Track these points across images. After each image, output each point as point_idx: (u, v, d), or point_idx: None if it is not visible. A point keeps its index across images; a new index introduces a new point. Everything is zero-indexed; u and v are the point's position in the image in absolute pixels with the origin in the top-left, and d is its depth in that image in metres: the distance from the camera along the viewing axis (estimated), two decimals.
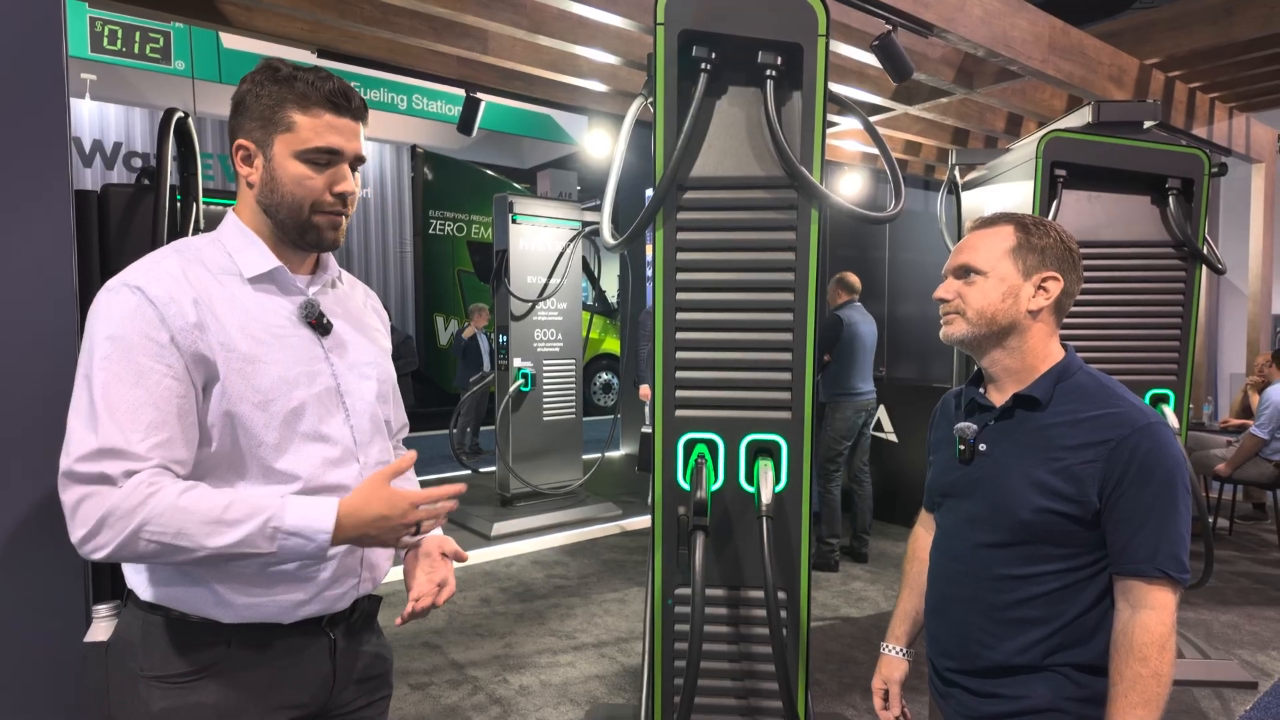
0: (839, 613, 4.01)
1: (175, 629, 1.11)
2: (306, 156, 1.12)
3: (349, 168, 1.16)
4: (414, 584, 1.24)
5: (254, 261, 1.15)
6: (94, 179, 8.53)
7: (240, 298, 1.13)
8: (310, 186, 1.13)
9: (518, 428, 5.56)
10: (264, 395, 1.10)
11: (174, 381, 1.04)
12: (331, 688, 1.22)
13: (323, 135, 1.12)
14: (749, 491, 2.03)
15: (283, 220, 1.15)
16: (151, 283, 1.06)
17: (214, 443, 1.09)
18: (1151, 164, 3.03)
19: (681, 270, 2.02)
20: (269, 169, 1.13)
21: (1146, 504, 1.16)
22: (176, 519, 0.99)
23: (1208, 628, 3.79)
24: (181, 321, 1.05)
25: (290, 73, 1.12)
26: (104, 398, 1.01)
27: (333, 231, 1.17)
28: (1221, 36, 4.41)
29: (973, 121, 5.63)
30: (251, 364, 1.09)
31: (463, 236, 11.34)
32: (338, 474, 1.17)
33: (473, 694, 3.08)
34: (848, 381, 4.58)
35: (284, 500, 1.04)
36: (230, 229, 1.18)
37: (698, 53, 1.91)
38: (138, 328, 1.03)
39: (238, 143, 1.14)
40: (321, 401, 1.16)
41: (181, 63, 7.97)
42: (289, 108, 1.11)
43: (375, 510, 1.07)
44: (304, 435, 1.13)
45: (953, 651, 1.33)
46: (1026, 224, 1.28)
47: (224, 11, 3.89)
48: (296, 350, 1.15)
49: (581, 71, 4.72)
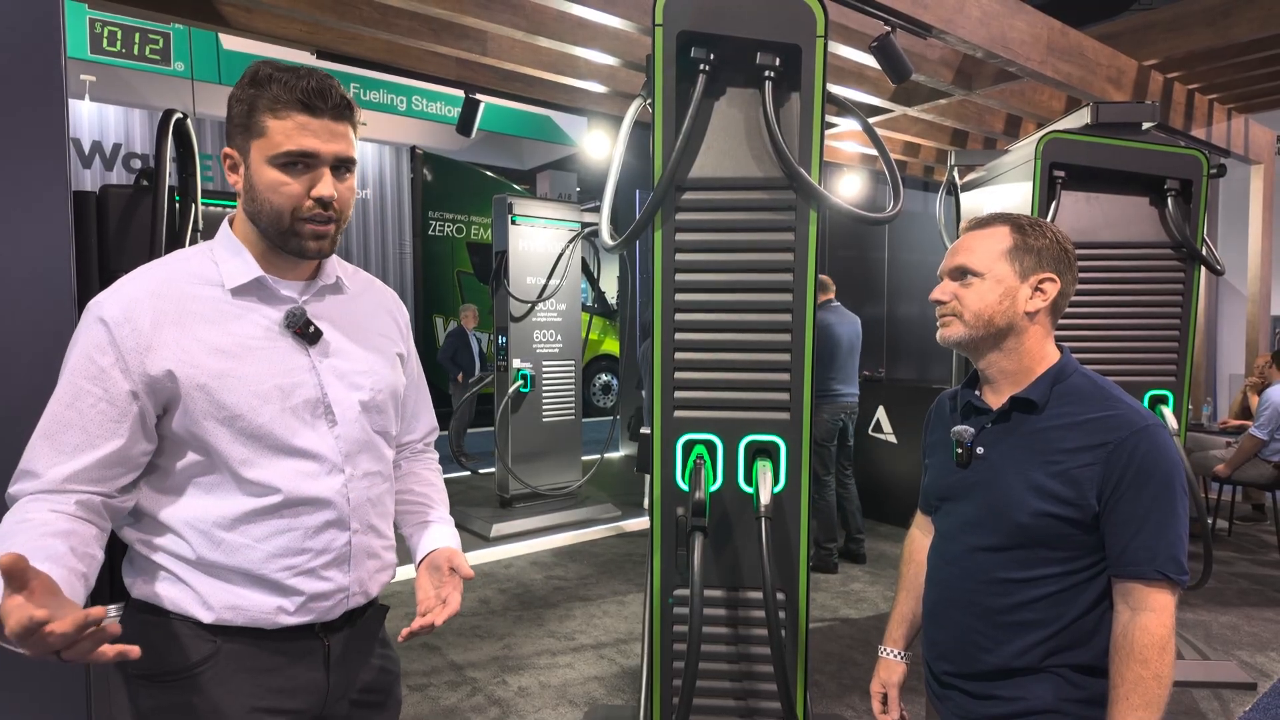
0: (838, 614, 4.00)
1: (164, 628, 1.11)
2: (279, 162, 1.07)
3: (331, 171, 1.10)
4: (420, 598, 1.21)
5: (236, 272, 1.13)
6: (93, 180, 8.52)
7: (220, 310, 1.11)
8: (287, 193, 1.08)
9: (517, 429, 5.56)
10: (229, 411, 1.07)
11: (108, 405, 1.04)
12: (326, 695, 1.19)
13: (293, 138, 1.06)
14: (748, 492, 2.03)
15: (265, 229, 1.12)
16: (110, 304, 1.06)
17: (185, 456, 1.09)
18: (1150, 165, 3.03)
19: (680, 271, 2.02)
20: (248, 177, 1.10)
21: (1145, 506, 1.16)
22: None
23: (1207, 629, 3.79)
24: (132, 342, 1.05)
25: (269, 74, 1.07)
26: (45, 418, 1.04)
27: (315, 241, 1.12)
28: (1219, 38, 4.41)
29: (971, 123, 5.63)
30: (219, 379, 1.07)
31: (462, 238, 11.34)
32: (316, 486, 1.13)
33: (471, 695, 3.08)
34: (825, 383, 4.58)
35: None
36: (221, 238, 1.17)
37: (696, 54, 1.91)
38: (84, 349, 1.05)
39: (225, 150, 1.12)
40: (298, 414, 1.12)
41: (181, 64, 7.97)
42: (261, 112, 1.06)
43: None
44: (274, 449, 1.10)
45: (950, 655, 1.33)
46: (1022, 225, 1.28)
47: (223, 13, 3.89)
48: (272, 363, 1.12)
49: (580, 73, 4.72)
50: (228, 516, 1.09)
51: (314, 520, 1.13)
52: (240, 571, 1.10)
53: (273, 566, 1.11)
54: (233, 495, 1.09)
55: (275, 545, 1.11)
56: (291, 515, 1.11)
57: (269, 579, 1.11)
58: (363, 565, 1.19)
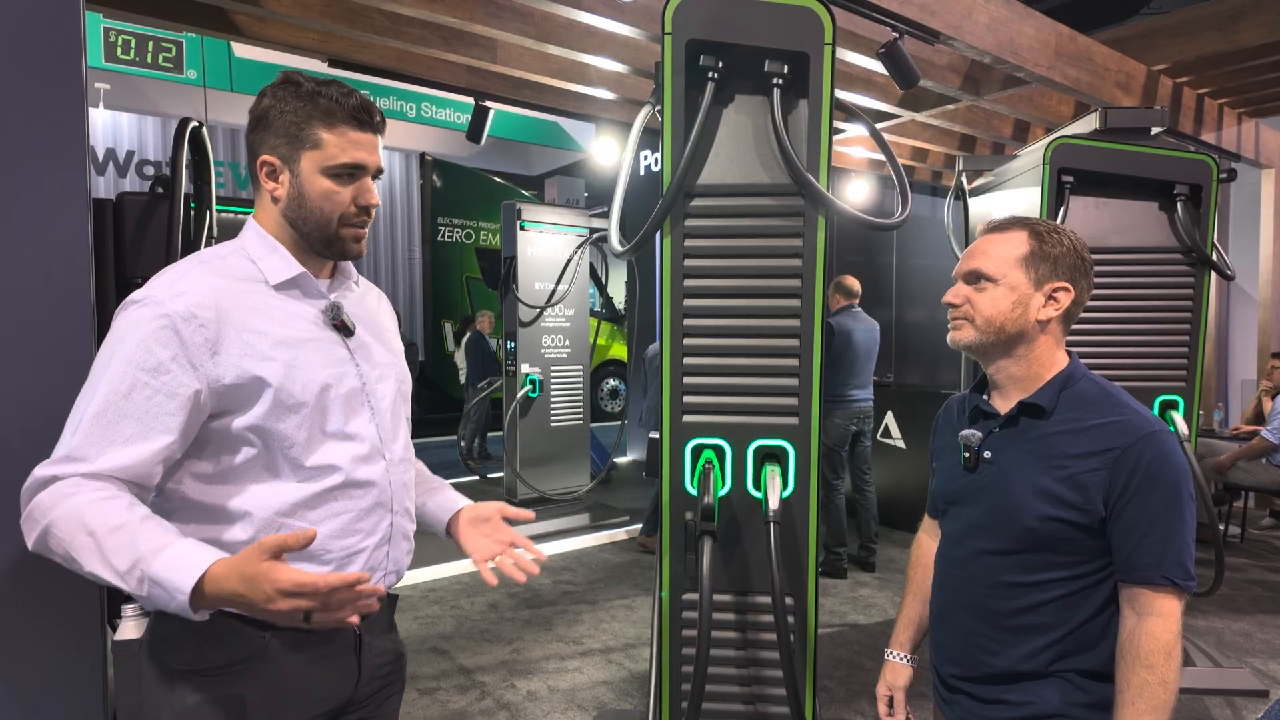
0: (847, 619, 4.00)
1: (212, 623, 1.11)
2: (333, 172, 1.15)
3: (371, 180, 1.20)
4: (474, 550, 1.28)
5: (278, 268, 1.18)
6: (107, 187, 8.62)
7: (268, 304, 1.16)
8: (338, 201, 1.17)
9: (525, 433, 5.57)
10: (296, 399, 1.12)
11: (165, 399, 1.05)
12: (356, 683, 1.24)
13: (348, 151, 1.15)
14: (756, 497, 2.04)
15: (309, 233, 1.19)
16: (171, 299, 1.07)
17: (240, 451, 1.11)
18: (1159, 170, 3.03)
19: (689, 277, 2.04)
20: (296, 185, 1.16)
21: (1152, 512, 1.16)
22: (71, 532, 0.98)
23: (1219, 636, 3.76)
24: (199, 338, 1.07)
25: (313, 88, 1.14)
26: (97, 405, 1.04)
27: (356, 244, 1.21)
28: (1228, 43, 4.40)
29: (980, 128, 5.63)
30: (286, 369, 1.12)
31: (471, 243, 11.39)
32: (367, 470, 1.20)
33: (480, 699, 3.09)
34: (839, 388, 4.57)
35: (165, 546, 0.97)
36: (252, 237, 1.21)
37: (705, 62, 1.93)
38: (143, 342, 1.05)
39: (263, 158, 1.17)
40: (348, 401, 1.19)
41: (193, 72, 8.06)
42: (315, 125, 1.14)
43: (231, 586, 0.94)
44: (331, 434, 1.16)
45: (957, 659, 1.33)
46: (1040, 231, 1.27)
47: (237, 22, 3.93)
48: (324, 352, 1.18)
49: (590, 80, 4.75)
50: (287, 502, 1.13)
51: (364, 502, 1.19)
52: (299, 556, 1.13)
53: (329, 547, 1.16)
54: (289, 483, 1.14)
55: (331, 527, 1.16)
56: (346, 498, 1.17)
57: (325, 560, 1.15)
58: (399, 546, 1.27)
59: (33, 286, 1.37)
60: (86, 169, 1.42)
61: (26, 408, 1.36)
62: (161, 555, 0.96)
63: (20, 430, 1.35)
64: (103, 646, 1.42)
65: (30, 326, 1.38)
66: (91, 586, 1.43)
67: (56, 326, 1.40)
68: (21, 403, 1.36)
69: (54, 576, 1.40)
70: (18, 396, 1.35)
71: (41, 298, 1.38)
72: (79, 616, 1.42)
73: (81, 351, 1.41)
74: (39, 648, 1.39)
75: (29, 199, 1.36)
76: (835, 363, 4.56)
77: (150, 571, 0.95)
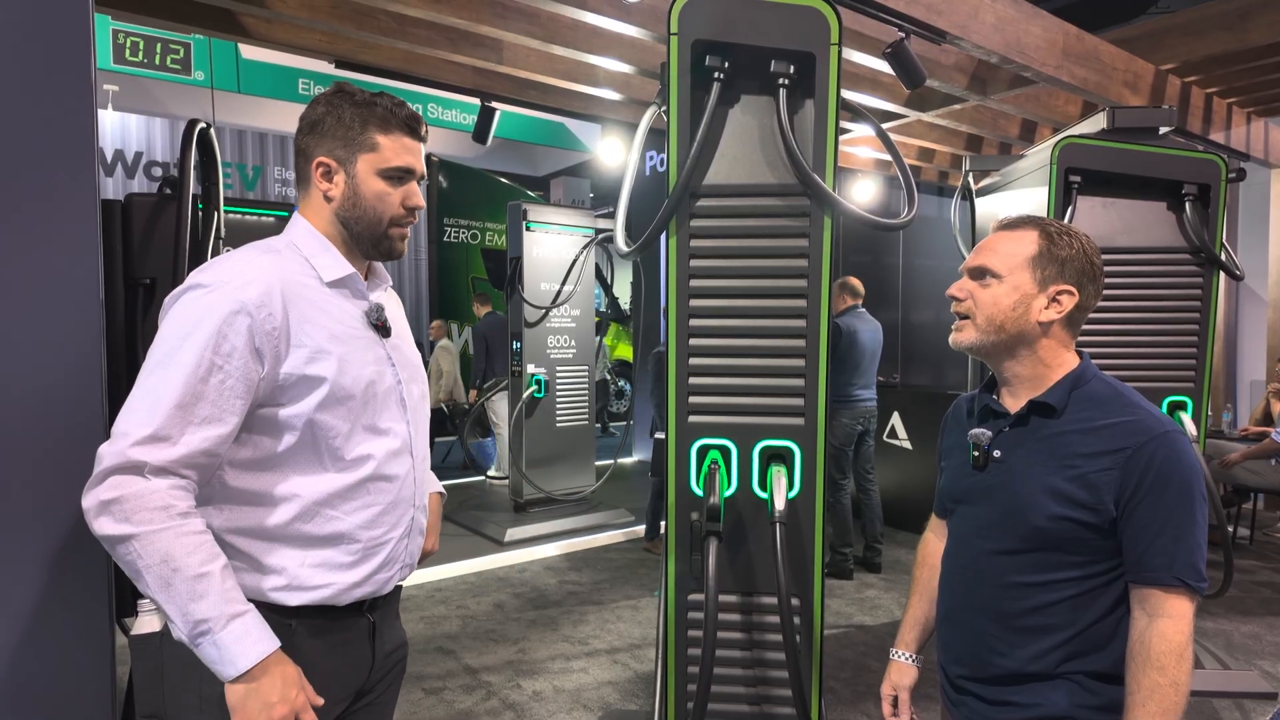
0: (853, 620, 3.99)
1: None
2: (387, 174, 1.23)
3: (415, 184, 1.28)
4: None
5: (331, 266, 1.24)
6: (115, 188, 8.65)
7: (324, 299, 1.21)
8: (389, 201, 1.24)
9: (531, 434, 5.58)
10: (346, 392, 1.18)
11: (236, 383, 1.09)
12: (369, 670, 1.29)
13: (401, 155, 1.23)
14: (762, 497, 2.04)
15: (360, 232, 1.25)
16: (243, 286, 1.11)
17: (285, 437, 1.15)
18: (1167, 170, 3.01)
19: (694, 277, 2.03)
20: (352, 185, 1.23)
21: (1163, 512, 1.15)
22: (156, 558, 1.01)
23: (1228, 638, 3.74)
24: (268, 327, 1.11)
25: (368, 97, 1.23)
26: (175, 387, 1.06)
27: (402, 243, 1.29)
28: (1237, 41, 4.37)
29: (986, 128, 5.61)
30: (341, 362, 1.17)
31: (477, 244, 11.39)
32: (396, 465, 1.26)
33: (486, 699, 3.09)
34: (845, 389, 4.57)
35: (236, 615, 1.04)
36: (305, 235, 1.25)
37: (711, 62, 1.93)
38: (218, 327, 1.08)
39: (318, 160, 1.23)
40: (386, 398, 1.25)
41: (201, 73, 8.08)
42: (372, 129, 1.22)
43: (264, 695, 1.04)
44: (368, 428, 1.22)
45: (965, 659, 1.33)
46: (1051, 232, 1.26)
47: (244, 24, 3.95)
48: (368, 350, 1.25)
49: (595, 80, 4.75)
50: (325, 492, 1.18)
51: (392, 495, 1.26)
52: (330, 544, 1.18)
53: (358, 537, 1.21)
54: (329, 473, 1.18)
55: (361, 518, 1.21)
56: (377, 490, 1.24)
57: (353, 548, 1.20)
58: (415, 540, 1.34)
59: (42, 286, 1.38)
60: (95, 170, 1.43)
61: (36, 406, 1.37)
62: (231, 627, 1.03)
63: (31, 429, 1.36)
64: (112, 644, 1.43)
65: (40, 326, 1.38)
66: (100, 584, 1.43)
67: (66, 326, 1.41)
68: (31, 401, 1.37)
69: (62, 573, 1.40)
70: (27, 395, 1.35)
71: (51, 298, 1.39)
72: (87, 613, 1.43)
73: (90, 350, 1.41)
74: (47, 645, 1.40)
75: (39, 200, 1.37)
76: (841, 363, 4.56)
77: (217, 635, 1.02)
